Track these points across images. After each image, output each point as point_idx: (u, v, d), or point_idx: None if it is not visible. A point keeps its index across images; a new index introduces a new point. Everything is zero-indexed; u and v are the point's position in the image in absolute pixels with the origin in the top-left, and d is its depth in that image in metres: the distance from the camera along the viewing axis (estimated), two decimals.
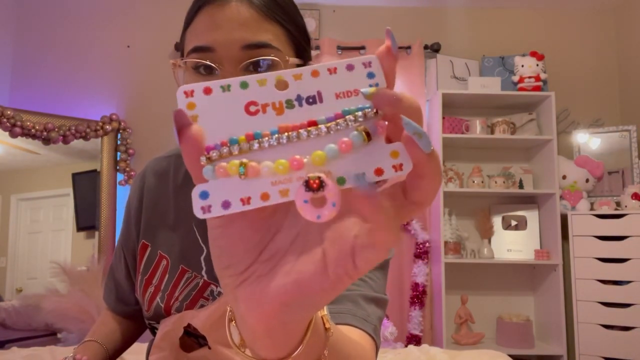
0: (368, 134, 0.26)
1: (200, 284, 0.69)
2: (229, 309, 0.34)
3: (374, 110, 0.27)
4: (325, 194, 0.25)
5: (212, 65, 0.57)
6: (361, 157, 0.27)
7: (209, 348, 0.66)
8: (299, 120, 0.27)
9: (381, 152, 0.27)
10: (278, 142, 0.27)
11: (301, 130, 0.27)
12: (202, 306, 0.68)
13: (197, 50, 0.58)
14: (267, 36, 0.58)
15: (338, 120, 0.27)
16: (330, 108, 0.28)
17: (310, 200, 0.25)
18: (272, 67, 0.58)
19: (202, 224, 0.71)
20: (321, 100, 0.28)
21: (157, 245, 0.73)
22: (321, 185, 0.25)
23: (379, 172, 0.27)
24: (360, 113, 0.27)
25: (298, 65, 0.62)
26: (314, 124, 0.27)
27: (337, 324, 0.52)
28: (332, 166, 0.26)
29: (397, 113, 0.26)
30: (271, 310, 0.29)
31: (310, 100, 0.28)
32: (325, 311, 0.38)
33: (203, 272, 0.69)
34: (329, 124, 0.27)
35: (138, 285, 0.74)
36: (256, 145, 0.27)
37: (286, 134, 0.27)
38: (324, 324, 0.37)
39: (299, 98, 0.28)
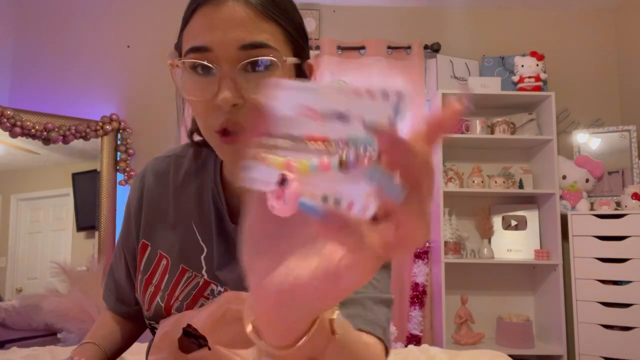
0: (342, 164, 0.28)
1: (200, 283, 0.69)
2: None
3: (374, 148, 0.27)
4: (285, 192, 0.29)
5: (210, 65, 0.57)
6: (345, 182, 0.28)
7: (209, 349, 0.66)
8: (322, 132, 0.30)
9: (361, 187, 0.28)
10: (294, 148, 0.30)
11: (308, 142, 0.30)
12: (202, 305, 0.68)
13: (194, 50, 0.58)
14: (264, 36, 0.57)
15: (338, 143, 0.29)
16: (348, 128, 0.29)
17: (272, 191, 0.29)
18: (269, 67, 0.57)
19: (202, 223, 0.71)
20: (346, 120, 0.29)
21: (157, 245, 0.73)
22: (283, 181, 0.29)
23: (350, 204, 0.28)
24: (361, 147, 0.28)
25: (296, 64, 0.62)
26: (326, 139, 0.30)
27: None
28: (320, 182, 0.29)
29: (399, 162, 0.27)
30: (268, 306, 0.31)
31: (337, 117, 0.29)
32: (334, 315, 0.39)
33: (203, 272, 0.69)
34: (329, 143, 0.29)
35: (138, 284, 0.74)
36: (281, 144, 0.31)
37: (297, 143, 0.30)
38: (331, 327, 0.38)
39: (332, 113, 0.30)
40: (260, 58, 0.56)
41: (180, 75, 0.61)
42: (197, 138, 0.73)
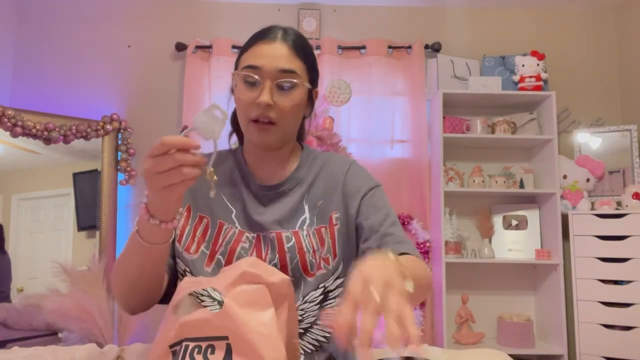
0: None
1: (236, 233, 0.93)
2: None
3: None
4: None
5: (257, 77, 0.87)
6: None
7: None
8: None
9: None
10: None
11: None
12: (242, 248, 0.92)
13: (250, 67, 0.88)
14: (294, 66, 0.89)
15: None
16: None
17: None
18: (294, 86, 0.89)
19: (231, 192, 0.97)
20: None
21: (198, 209, 0.97)
22: None
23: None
24: None
25: (309, 90, 0.94)
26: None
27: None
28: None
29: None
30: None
31: None
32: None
33: (236, 225, 0.94)
34: None
35: (184, 236, 0.95)
36: None
37: None
38: None
39: None
40: (290, 80, 0.88)
41: (235, 81, 0.91)
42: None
